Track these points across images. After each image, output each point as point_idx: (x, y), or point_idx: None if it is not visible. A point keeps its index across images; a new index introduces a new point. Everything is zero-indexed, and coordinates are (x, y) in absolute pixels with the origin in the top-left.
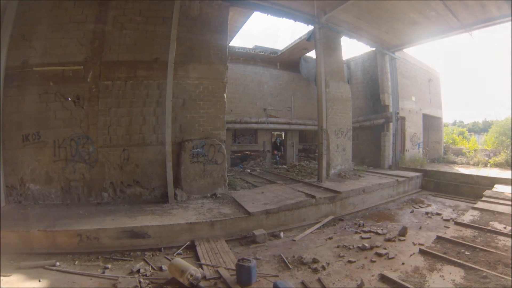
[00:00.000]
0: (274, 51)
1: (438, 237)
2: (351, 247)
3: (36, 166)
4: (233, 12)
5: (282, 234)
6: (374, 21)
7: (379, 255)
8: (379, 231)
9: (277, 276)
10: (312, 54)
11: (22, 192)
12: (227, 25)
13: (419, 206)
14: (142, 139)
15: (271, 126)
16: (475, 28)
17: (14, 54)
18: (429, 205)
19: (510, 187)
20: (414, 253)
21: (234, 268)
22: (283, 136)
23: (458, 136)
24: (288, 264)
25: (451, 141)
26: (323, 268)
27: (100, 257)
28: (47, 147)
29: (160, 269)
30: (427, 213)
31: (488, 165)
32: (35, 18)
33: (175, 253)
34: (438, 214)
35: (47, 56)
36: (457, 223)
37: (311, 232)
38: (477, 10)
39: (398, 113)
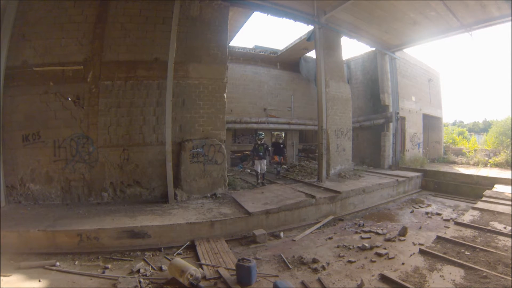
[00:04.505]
0: (274, 51)
1: (438, 237)
2: (351, 247)
3: (36, 166)
4: (233, 12)
5: (282, 234)
6: (374, 21)
7: (379, 255)
8: (379, 231)
9: (277, 276)
10: (312, 54)
11: (22, 192)
12: (227, 25)
13: (419, 206)
14: (142, 139)
15: (271, 126)
16: (475, 28)
17: (14, 54)
18: (429, 205)
19: (510, 187)
20: (414, 253)
21: (234, 268)
22: (283, 136)
23: (458, 136)
24: (288, 264)
25: (451, 141)
26: (323, 268)
27: (100, 257)
28: (47, 147)
29: (160, 269)
30: (427, 213)
31: (488, 165)
32: (35, 18)
33: (175, 253)
34: (438, 214)
35: (47, 56)
36: (457, 223)
37: (311, 232)
38: (477, 10)
39: (398, 113)
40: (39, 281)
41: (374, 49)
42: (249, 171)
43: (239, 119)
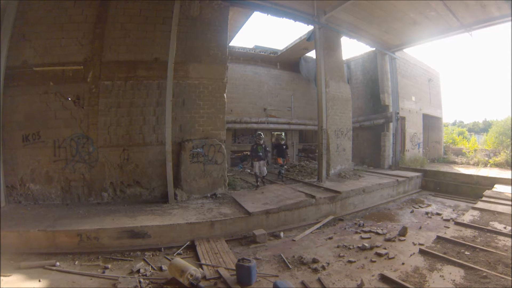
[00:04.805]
0: (274, 51)
1: (438, 237)
2: (351, 247)
3: (36, 166)
4: (233, 12)
5: (282, 234)
6: (374, 21)
7: (379, 255)
8: (379, 231)
9: (277, 276)
10: (312, 54)
11: (22, 192)
12: (227, 25)
13: (419, 206)
14: (142, 139)
15: (271, 126)
16: (475, 28)
17: (14, 54)
18: (429, 205)
19: (510, 187)
20: (414, 253)
21: (234, 268)
22: (283, 135)
23: (458, 136)
24: (288, 264)
25: (451, 141)
26: (323, 268)
27: (100, 257)
28: (47, 147)
29: (160, 269)
30: (427, 213)
31: (488, 165)
32: (35, 18)
33: (175, 253)
34: (438, 214)
35: (47, 56)
36: (457, 223)
37: (311, 232)
38: (477, 10)
39: (398, 113)
40: (39, 281)
41: (374, 49)
42: (249, 171)
43: (239, 119)
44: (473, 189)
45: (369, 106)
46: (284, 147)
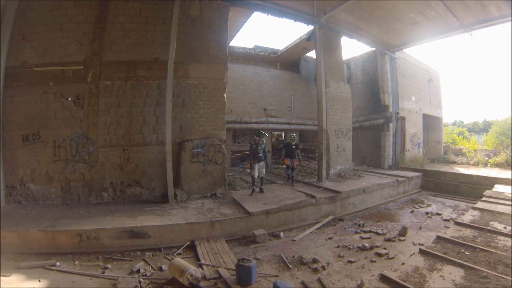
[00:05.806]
0: (274, 51)
1: (438, 237)
2: (351, 247)
3: (36, 166)
4: (233, 12)
5: (282, 234)
6: (374, 21)
7: (379, 255)
8: (379, 231)
9: (277, 276)
10: (312, 54)
11: (22, 192)
12: (227, 25)
13: (419, 206)
14: (142, 139)
15: (271, 126)
16: (475, 28)
17: (14, 54)
18: (429, 205)
19: (510, 187)
20: (414, 253)
21: (234, 268)
22: (283, 136)
23: (458, 136)
24: (288, 264)
25: (451, 141)
26: (323, 268)
27: (100, 257)
28: (47, 147)
29: (160, 269)
30: (427, 213)
31: (488, 165)
32: (35, 18)
33: (175, 253)
34: (438, 214)
35: (47, 56)
36: (457, 223)
37: (311, 232)
38: (477, 10)
39: (398, 113)
40: (39, 281)
41: (374, 49)
42: (249, 171)
43: (239, 119)
44: (473, 189)
45: (369, 106)
46: (294, 147)
